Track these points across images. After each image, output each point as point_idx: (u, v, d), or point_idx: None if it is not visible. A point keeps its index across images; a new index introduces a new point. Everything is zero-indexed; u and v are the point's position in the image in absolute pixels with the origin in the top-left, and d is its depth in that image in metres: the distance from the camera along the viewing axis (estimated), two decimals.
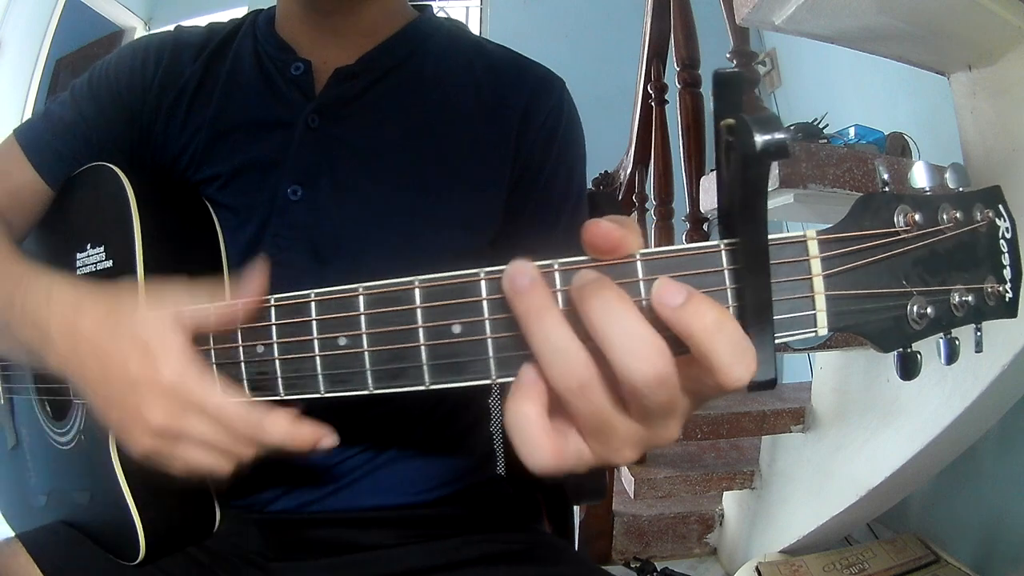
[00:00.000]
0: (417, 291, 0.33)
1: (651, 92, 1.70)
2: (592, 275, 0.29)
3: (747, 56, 1.44)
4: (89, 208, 0.58)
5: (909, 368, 0.30)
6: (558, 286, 0.30)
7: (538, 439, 0.29)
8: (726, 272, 0.29)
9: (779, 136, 0.26)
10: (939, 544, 1.32)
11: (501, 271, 0.31)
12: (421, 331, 0.33)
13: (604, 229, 0.29)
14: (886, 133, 1.31)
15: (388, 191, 0.59)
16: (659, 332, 0.27)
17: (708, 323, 0.27)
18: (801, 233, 0.29)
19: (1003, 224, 0.31)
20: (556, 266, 0.30)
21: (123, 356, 0.39)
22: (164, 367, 0.39)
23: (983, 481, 1.37)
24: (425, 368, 0.33)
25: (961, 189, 0.31)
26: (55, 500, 0.60)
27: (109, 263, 0.53)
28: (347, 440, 0.60)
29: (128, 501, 0.50)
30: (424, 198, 0.60)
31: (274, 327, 0.38)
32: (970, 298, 0.30)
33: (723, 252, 0.29)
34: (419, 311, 0.33)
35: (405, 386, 0.34)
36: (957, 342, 0.31)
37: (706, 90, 1.57)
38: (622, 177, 1.87)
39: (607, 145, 2.23)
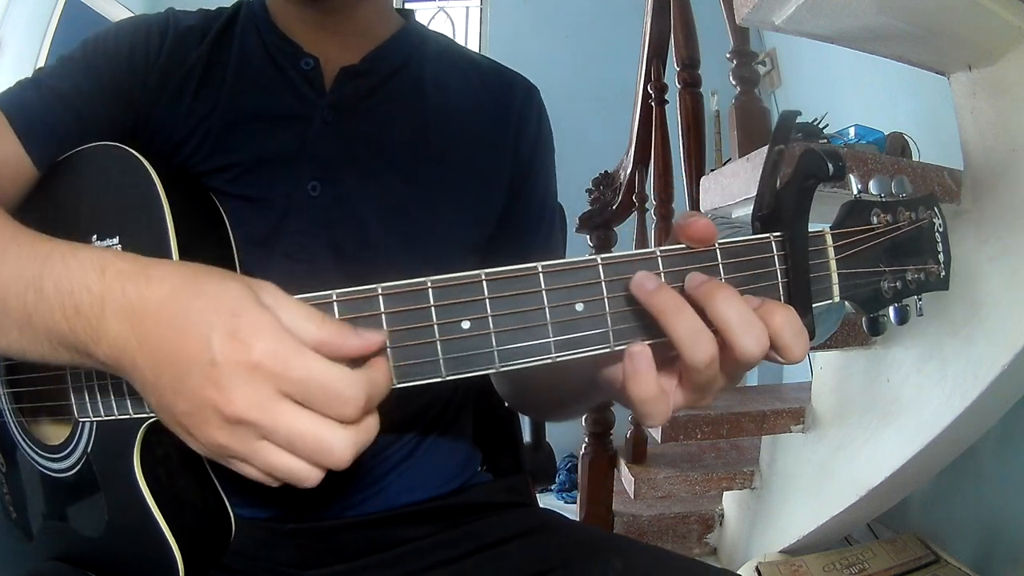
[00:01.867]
0: (541, 276, 0.37)
1: (651, 92, 1.70)
2: (704, 276, 0.37)
3: (747, 56, 1.44)
4: (94, 195, 0.52)
5: (878, 327, 0.41)
6: (661, 269, 0.38)
7: (662, 400, 0.38)
8: (776, 256, 0.39)
9: (841, 164, 0.37)
10: (939, 544, 1.32)
11: (615, 257, 0.37)
12: (548, 311, 0.37)
13: (703, 223, 0.37)
14: (886, 133, 1.30)
15: (403, 187, 0.60)
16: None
17: (779, 319, 0.36)
18: (821, 229, 0.40)
19: (938, 221, 0.42)
20: (659, 253, 0.38)
21: (203, 331, 0.32)
22: (255, 342, 0.32)
23: (983, 481, 1.37)
24: (552, 344, 0.37)
25: (903, 195, 0.42)
26: (49, 536, 0.55)
27: None
28: (394, 430, 0.60)
29: (160, 524, 0.46)
30: (438, 194, 0.61)
31: (385, 316, 0.36)
32: (920, 276, 0.42)
33: (772, 242, 0.39)
34: (545, 294, 0.37)
35: (533, 361, 0.38)
36: (907, 308, 0.42)
37: (706, 90, 1.57)
38: (622, 177, 1.86)
39: (607, 145, 2.22)
